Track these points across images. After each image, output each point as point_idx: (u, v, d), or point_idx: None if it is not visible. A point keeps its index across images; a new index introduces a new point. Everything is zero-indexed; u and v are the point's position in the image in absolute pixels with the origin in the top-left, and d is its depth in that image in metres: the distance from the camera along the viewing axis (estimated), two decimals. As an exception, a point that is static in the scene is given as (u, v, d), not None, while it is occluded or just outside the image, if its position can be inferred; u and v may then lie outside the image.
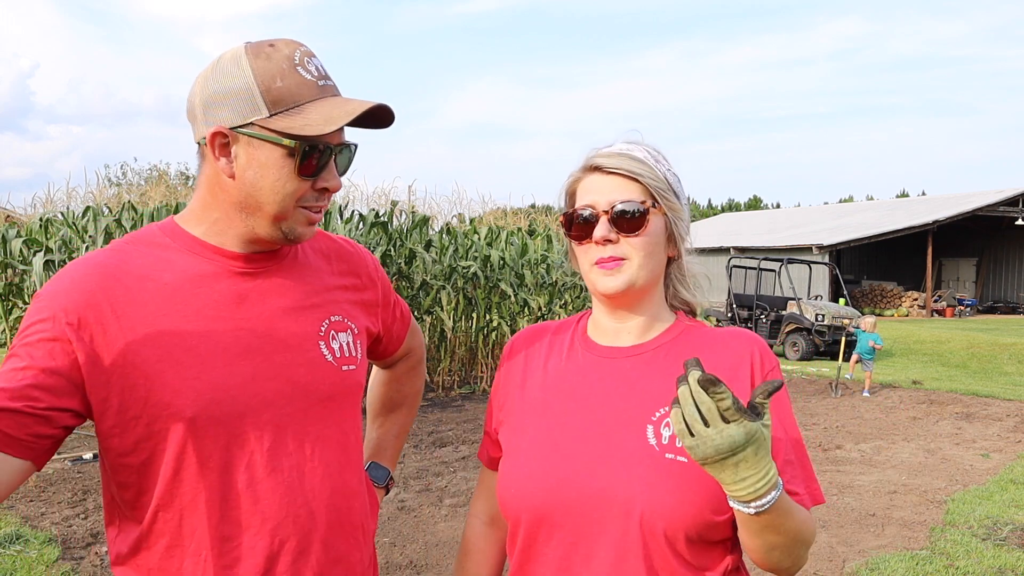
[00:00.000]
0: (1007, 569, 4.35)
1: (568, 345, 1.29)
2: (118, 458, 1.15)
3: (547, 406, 1.24)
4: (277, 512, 1.18)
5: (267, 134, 1.13)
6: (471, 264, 9.47)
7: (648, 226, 1.18)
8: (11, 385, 1.05)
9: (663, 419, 1.15)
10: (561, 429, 1.20)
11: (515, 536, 1.22)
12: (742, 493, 0.98)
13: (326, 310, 1.29)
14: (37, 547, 4.35)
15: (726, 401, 0.94)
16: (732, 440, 0.94)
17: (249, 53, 1.15)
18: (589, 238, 1.19)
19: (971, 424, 8.62)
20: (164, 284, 1.16)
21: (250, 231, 1.20)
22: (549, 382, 1.26)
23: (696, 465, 1.10)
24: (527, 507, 1.18)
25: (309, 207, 1.19)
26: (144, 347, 1.12)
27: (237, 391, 1.16)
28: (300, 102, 1.14)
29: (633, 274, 1.18)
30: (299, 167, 1.15)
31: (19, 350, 1.10)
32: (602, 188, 1.20)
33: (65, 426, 1.11)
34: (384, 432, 1.63)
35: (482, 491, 1.41)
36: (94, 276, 1.14)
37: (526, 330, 1.38)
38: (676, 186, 1.23)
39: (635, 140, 1.24)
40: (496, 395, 1.35)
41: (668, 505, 1.09)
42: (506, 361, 1.35)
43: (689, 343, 1.23)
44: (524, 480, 1.19)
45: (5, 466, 1.05)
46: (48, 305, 1.12)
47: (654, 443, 1.13)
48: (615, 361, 1.23)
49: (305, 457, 1.22)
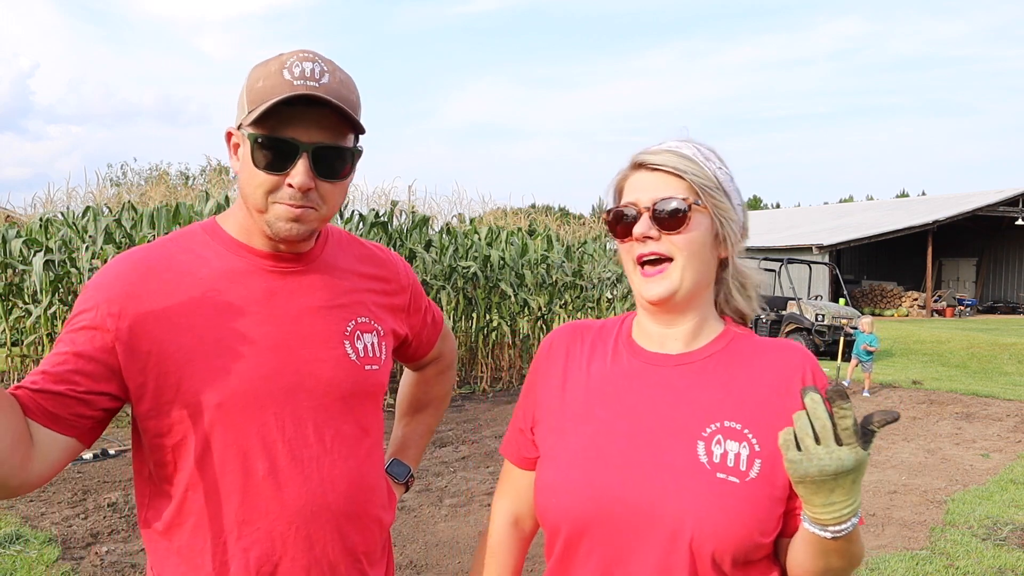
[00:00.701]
0: (1007, 569, 4.35)
1: (612, 348, 1.25)
2: (155, 439, 1.23)
3: (590, 411, 1.19)
4: (296, 500, 1.23)
5: (245, 130, 1.21)
6: (471, 264, 9.47)
7: (690, 224, 1.14)
8: (54, 369, 1.16)
9: (714, 435, 1.11)
10: (606, 437, 1.15)
11: (553, 543, 1.18)
12: (825, 517, 0.95)
13: (353, 311, 1.34)
14: (37, 547, 4.35)
15: (847, 420, 0.89)
16: (840, 464, 0.90)
17: (257, 63, 1.24)
18: (631, 236, 1.17)
19: (971, 424, 8.62)
20: (200, 279, 1.24)
21: (259, 228, 1.26)
22: (592, 386, 1.22)
23: (747, 487, 1.07)
24: (568, 517, 1.14)
25: (284, 203, 1.21)
26: (178, 337, 1.20)
27: (261, 382, 1.22)
28: (269, 99, 1.18)
29: (677, 279, 1.14)
30: (252, 158, 1.20)
31: (64, 336, 1.19)
32: (646, 185, 1.17)
33: (104, 408, 1.19)
34: (409, 431, 1.70)
35: (507, 489, 1.35)
36: (136, 270, 1.23)
37: (567, 327, 1.33)
38: (727, 185, 1.18)
39: (686, 138, 1.21)
40: (532, 391, 1.30)
41: (719, 527, 1.05)
42: (545, 357, 1.31)
43: (740, 353, 1.18)
44: (566, 489, 1.15)
45: (54, 442, 1.15)
46: (92, 296, 1.21)
47: (705, 461, 1.09)
48: (662, 369, 1.18)
49: (325, 449, 1.27)
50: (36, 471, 1.12)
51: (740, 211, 1.21)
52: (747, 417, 1.12)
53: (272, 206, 1.22)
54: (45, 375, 1.16)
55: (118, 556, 4.28)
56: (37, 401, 1.14)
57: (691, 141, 1.20)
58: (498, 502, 1.38)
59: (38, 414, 1.13)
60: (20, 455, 1.09)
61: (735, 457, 1.09)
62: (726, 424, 1.11)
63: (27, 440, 1.11)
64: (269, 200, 1.21)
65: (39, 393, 1.14)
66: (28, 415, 1.13)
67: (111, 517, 4.90)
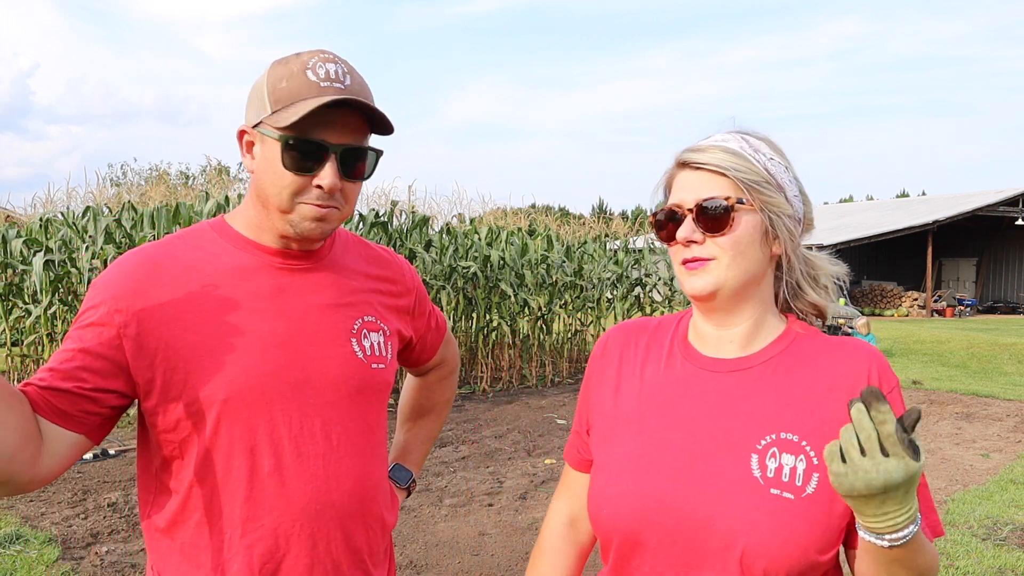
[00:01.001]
0: (1007, 569, 4.35)
1: (667, 351, 1.21)
2: (162, 434, 1.23)
3: (643, 420, 1.16)
4: (300, 497, 1.23)
5: (268, 129, 1.21)
6: (471, 264, 9.47)
7: (735, 224, 1.09)
8: (62, 366, 1.17)
9: (768, 448, 1.06)
10: (658, 448, 1.12)
11: (607, 552, 1.17)
12: (880, 526, 0.90)
13: (360, 310, 1.35)
14: (37, 547, 4.35)
15: (888, 425, 0.84)
16: (888, 477, 0.85)
17: (275, 62, 1.25)
18: (675, 239, 1.13)
19: (971, 424, 8.62)
20: (207, 276, 1.25)
21: (273, 226, 1.27)
22: (645, 393, 1.18)
23: (802, 503, 1.03)
24: (620, 528, 1.11)
25: (311, 203, 1.23)
26: (185, 333, 1.20)
27: (268, 379, 1.22)
28: (296, 100, 1.19)
29: (721, 275, 1.10)
30: (283, 158, 1.20)
31: (73, 333, 1.20)
32: (689, 185, 1.12)
33: (112, 406, 1.20)
34: (411, 436, 1.69)
35: (565, 489, 1.34)
36: (143, 267, 1.24)
37: (622, 326, 1.29)
38: (780, 177, 1.12)
39: (735, 129, 1.16)
40: (587, 394, 1.28)
41: (772, 545, 1.01)
42: (599, 359, 1.28)
43: (800, 356, 1.13)
44: (618, 499, 1.12)
45: (62, 439, 1.15)
46: (100, 293, 1.21)
47: (758, 475, 1.05)
48: (717, 375, 1.14)
49: (331, 447, 1.27)
50: (45, 467, 1.13)
51: (797, 202, 1.14)
52: (806, 428, 1.07)
53: (298, 206, 1.23)
54: (53, 372, 1.16)
55: (118, 556, 4.28)
56: (46, 398, 1.14)
57: (740, 132, 1.15)
58: (555, 502, 1.35)
59: (47, 411, 1.14)
60: (30, 451, 1.10)
61: (791, 472, 1.05)
62: (782, 436, 1.07)
63: (36, 436, 1.12)
64: (295, 200, 1.22)
65: (47, 390, 1.15)
66: (37, 412, 1.13)
67: (111, 517, 4.90)
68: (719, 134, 1.15)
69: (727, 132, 1.15)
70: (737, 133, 1.15)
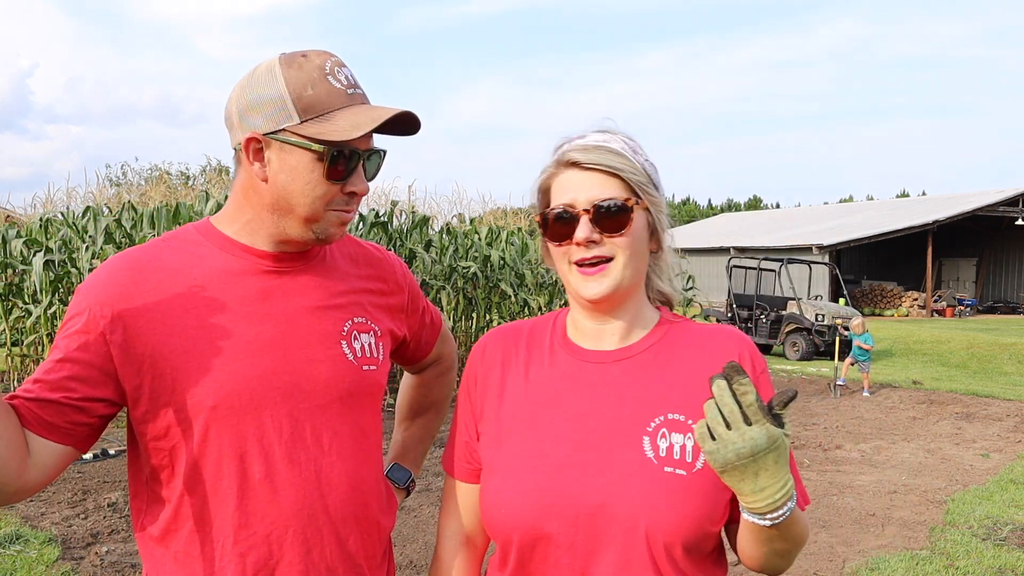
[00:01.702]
0: (1007, 569, 4.35)
1: (549, 349, 1.22)
2: (151, 442, 1.21)
3: (534, 417, 1.17)
4: (293, 503, 1.22)
5: (298, 139, 1.18)
6: (471, 264, 9.47)
7: (632, 224, 1.12)
8: (49, 377, 1.15)
9: (659, 430, 1.11)
10: (553, 441, 1.14)
11: (506, 557, 1.16)
12: (760, 505, 0.94)
13: (350, 311, 1.33)
14: (37, 547, 4.35)
15: (749, 396, 0.90)
16: (754, 444, 0.89)
17: (283, 63, 1.20)
18: (569, 239, 1.13)
19: (971, 424, 8.62)
20: (194, 279, 1.22)
21: (281, 232, 1.25)
22: (533, 391, 1.19)
23: (694, 478, 1.08)
24: (520, 526, 1.11)
25: (339, 210, 1.24)
26: (172, 338, 1.18)
27: (257, 383, 1.20)
28: (329, 109, 1.19)
29: (618, 276, 1.13)
30: (327, 171, 1.19)
31: (59, 342, 1.18)
32: (580, 185, 1.13)
33: (100, 415, 1.18)
34: (409, 435, 1.66)
35: (453, 507, 1.29)
36: (128, 271, 1.21)
37: (498, 330, 1.29)
38: (655, 176, 1.17)
39: (609, 129, 1.17)
40: (469, 401, 1.26)
41: (671, 520, 1.06)
42: (480, 364, 1.27)
43: (677, 342, 1.19)
44: (515, 497, 1.12)
45: (49, 451, 1.14)
46: (84, 299, 1.19)
47: (651, 456, 1.09)
48: (602, 367, 1.17)
49: (323, 451, 1.25)
50: (32, 479, 1.12)
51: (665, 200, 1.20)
52: (690, 407, 1.12)
53: (327, 214, 1.23)
54: (40, 383, 1.14)
55: (118, 556, 4.28)
56: (32, 411, 1.13)
57: (615, 132, 1.17)
58: (446, 522, 1.31)
59: (33, 424, 1.13)
60: (16, 463, 1.09)
61: (681, 449, 1.10)
62: (670, 417, 1.12)
63: (23, 448, 1.11)
64: (327, 209, 1.22)
65: (34, 402, 1.13)
66: (24, 425, 1.12)
67: (111, 517, 4.90)
68: (596, 133, 1.16)
69: (602, 131, 1.17)
70: (612, 133, 1.17)
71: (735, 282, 16.74)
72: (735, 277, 16.83)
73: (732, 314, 16.06)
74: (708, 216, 54.14)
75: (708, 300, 17.60)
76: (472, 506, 1.26)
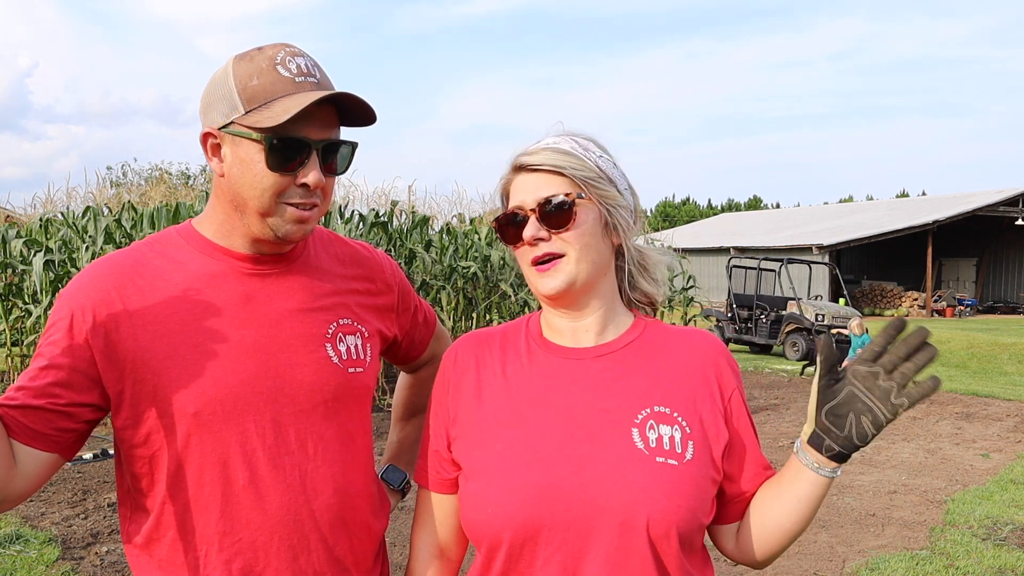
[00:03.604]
0: (1007, 569, 4.35)
1: (525, 349, 1.22)
2: (132, 449, 1.20)
3: (517, 415, 1.16)
4: (278, 509, 1.20)
5: (241, 130, 1.17)
6: (471, 264, 9.48)
7: (577, 218, 1.14)
8: (33, 384, 1.13)
9: (647, 421, 1.12)
10: (540, 438, 1.13)
11: (492, 558, 1.13)
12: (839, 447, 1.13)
13: (335, 313, 1.30)
14: (37, 547, 4.35)
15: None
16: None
17: (236, 58, 1.20)
18: (523, 240, 1.16)
19: (971, 424, 8.62)
20: (175, 283, 1.21)
21: (248, 230, 1.22)
22: (513, 390, 1.19)
23: (686, 468, 1.10)
24: (511, 524, 1.10)
25: (294, 204, 1.19)
26: (153, 343, 1.17)
27: (240, 388, 1.18)
28: (272, 97, 1.16)
29: (572, 270, 1.14)
30: (268, 160, 1.16)
31: (42, 348, 1.16)
32: (528, 188, 1.17)
33: (86, 420, 1.17)
34: (404, 436, 1.64)
35: (427, 520, 1.29)
36: (110, 276, 1.20)
37: (469, 337, 1.29)
38: (611, 172, 1.18)
39: (563, 131, 1.21)
40: (444, 407, 1.24)
41: (668, 510, 1.07)
42: (452, 369, 1.25)
43: (654, 340, 1.21)
44: (506, 494, 1.11)
45: (34, 459, 1.13)
46: (66, 304, 1.18)
47: (642, 447, 1.10)
48: (583, 362, 1.18)
49: (307, 456, 1.23)
50: (18, 488, 1.11)
51: (628, 195, 1.21)
52: (674, 401, 1.15)
53: (280, 208, 1.19)
54: (24, 391, 1.13)
55: (118, 556, 4.28)
56: (17, 419, 1.11)
57: (569, 134, 1.20)
58: (418, 536, 1.30)
59: (18, 432, 1.11)
60: (2, 473, 1.08)
61: (670, 440, 1.11)
62: (656, 409, 1.14)
63: (10, 458, 1.10)
64: (277, 202, 1.19)
65: (18, 410, 1.12)
66: (9, 434, 1.11)
67: (111, 517, 4.90)
68: (549, 137, 1.20)
69: (556, 135, 1.20)
70: (566, 135, 1.20)
71: (735, 282, 16.74)
72: (735, 277, 16.83)
73: (732, 314, 16.07)
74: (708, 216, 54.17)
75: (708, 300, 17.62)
76: (446, 517, 1.25)
